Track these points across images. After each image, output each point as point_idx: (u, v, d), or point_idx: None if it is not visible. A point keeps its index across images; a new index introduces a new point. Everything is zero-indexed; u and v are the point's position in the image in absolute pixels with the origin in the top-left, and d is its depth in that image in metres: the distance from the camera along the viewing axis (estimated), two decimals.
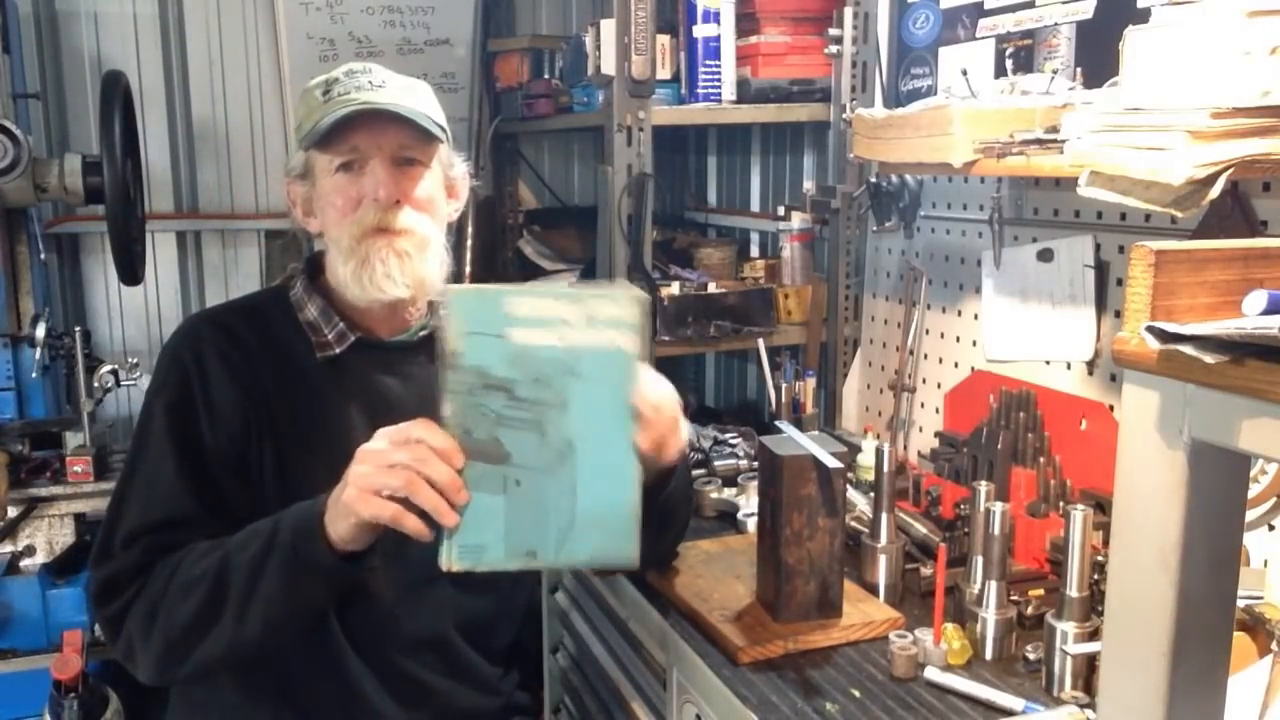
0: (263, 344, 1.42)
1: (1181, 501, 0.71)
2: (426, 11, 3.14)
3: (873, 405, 2.35)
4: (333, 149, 1.38)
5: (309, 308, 1.45)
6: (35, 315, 2.39)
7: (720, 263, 2.64)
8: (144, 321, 3.04)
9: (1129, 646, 0.76)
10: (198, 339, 1.41)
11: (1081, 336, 1.75)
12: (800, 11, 2.28)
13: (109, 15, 2.90)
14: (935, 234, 2.11)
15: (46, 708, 1.93)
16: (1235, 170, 1.12)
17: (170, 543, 1.30)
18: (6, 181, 2.23)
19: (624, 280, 1.69)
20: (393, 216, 1.37)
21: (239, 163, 3.06)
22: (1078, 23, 1.66)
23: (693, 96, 2.27)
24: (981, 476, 1.79)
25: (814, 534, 1.43)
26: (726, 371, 3.15)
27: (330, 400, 1.41)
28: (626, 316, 1.11)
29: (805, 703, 1.29)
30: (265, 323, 1.45)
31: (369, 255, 1.36)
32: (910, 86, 2.05)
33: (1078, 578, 1.28)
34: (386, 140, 1.37)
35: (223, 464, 1.35)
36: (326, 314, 1.44)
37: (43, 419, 2.45)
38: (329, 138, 1.36)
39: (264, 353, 1.41)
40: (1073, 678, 1.28)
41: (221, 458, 1.35)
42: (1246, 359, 0.64)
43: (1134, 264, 0.71)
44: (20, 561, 2.26)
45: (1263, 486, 1.44)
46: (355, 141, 1.37)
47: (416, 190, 1.40)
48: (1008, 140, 1.45)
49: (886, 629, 1.44)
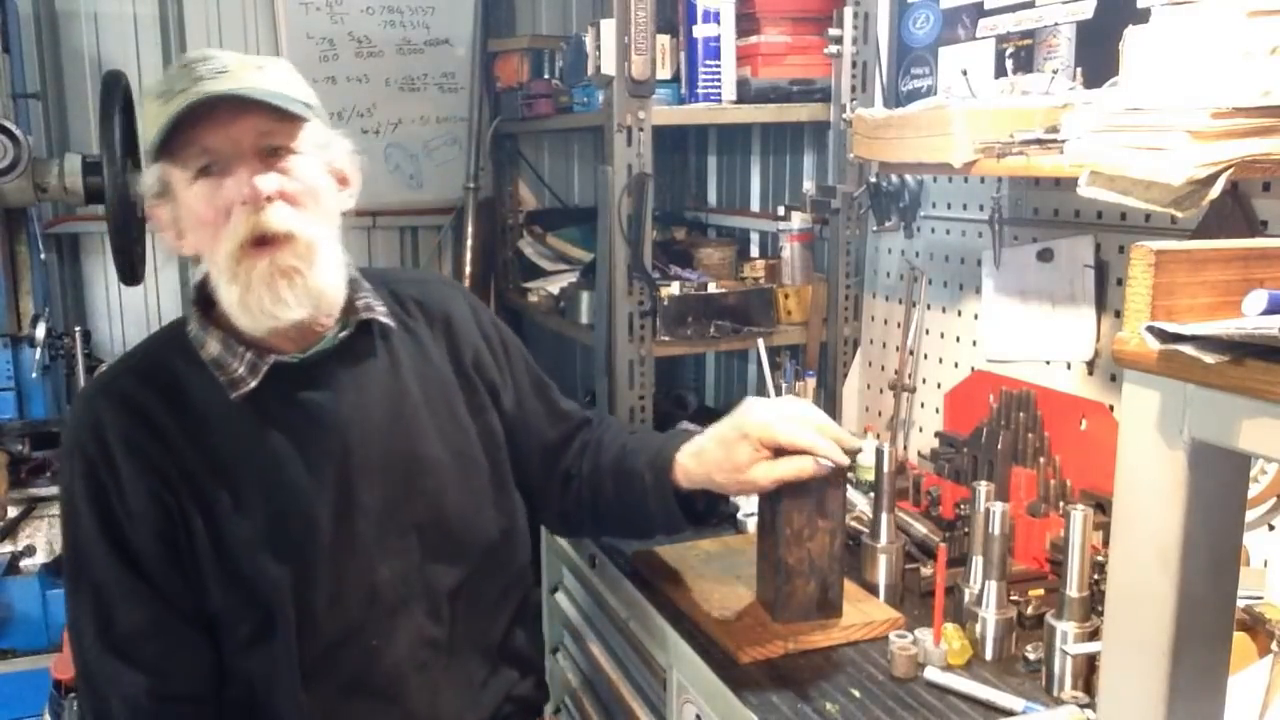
0: (168, 406, 1.25)
1: (1181, 501, 0.71)
2: (426, 11, 3.14)
3: (873, 405, 2.35)
4: (182, 156, 1.20)
5: (209, 343, 1.27)
6: (35, 315, 2.40)
7: (720, 263, 2.64)
8: (144, 321, 3.03)
9: (1129, 646, 0.76)
10: (98, 425, 1.24)
11: (1081, 336, 1.75)
12: (800, 11, 2.28)
13: (109, 15, 2.90)
14: (935, 234, 2.11)
15: (46, 708, 1.93)
16: (1235, 170, 1.12)
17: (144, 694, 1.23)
18: (6, 181, 2.23)
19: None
20: (266, 219, 1.18)
21: None
22: (1078, 23, 1.66)
23: (693, 96, 2.27)
24: (981, 476, 1.79)
25: (814, 534, 1.43)
26: (726, 371, 3.15)
27: (255, 438, 1.26)
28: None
29: (805, 703, 1.29)
30: (168, 378, 1.28)
31: (251, 280, 1.19)
32: (910, 86, 2.05)
33: (1078, 578, 1.28)
34: (239, 131, 1.18)
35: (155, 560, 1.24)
36: (229, 347, 1.27)
37: (43, 419, 2.45)
38: (173, 142, 1.18)
39: (172, 415, 1.25)
40: (1073, 678, 1.28)
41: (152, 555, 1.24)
42: (1246, 359, 0.64)
43: (1134, 264, 0.71)
44: (20, 561, 2.26)
45: (1263, 486, 1.44)
46: (204, 142, 1.18)
47: (287, 183, 1.20)
48: (1008, 140, 1.45)
49: (886, 629, 1.44)
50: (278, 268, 1.19)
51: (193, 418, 1.26)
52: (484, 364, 1.46)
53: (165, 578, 1.24)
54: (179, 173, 1.22)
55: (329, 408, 1.30)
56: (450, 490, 1.36)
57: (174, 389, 1.27)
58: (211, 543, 1.24)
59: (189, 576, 1.25)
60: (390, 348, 1.37)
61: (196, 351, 1.28)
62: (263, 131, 1.20)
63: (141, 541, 1.23)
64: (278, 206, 1.20)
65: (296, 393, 1.29)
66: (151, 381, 1.27)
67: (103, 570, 1.23)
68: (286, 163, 1.22)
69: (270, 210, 1.19)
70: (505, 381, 1.48)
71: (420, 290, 1.46)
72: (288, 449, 1.27)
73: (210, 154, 1.19)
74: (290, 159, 1.22)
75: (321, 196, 1.26)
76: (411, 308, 1.43)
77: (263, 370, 1.27)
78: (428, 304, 1.44)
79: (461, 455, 1.39)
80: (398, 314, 1.40)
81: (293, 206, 1.21)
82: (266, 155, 1.21)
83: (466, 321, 1.47)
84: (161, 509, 1.23)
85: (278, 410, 1.28)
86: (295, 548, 1.26)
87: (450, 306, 1.46)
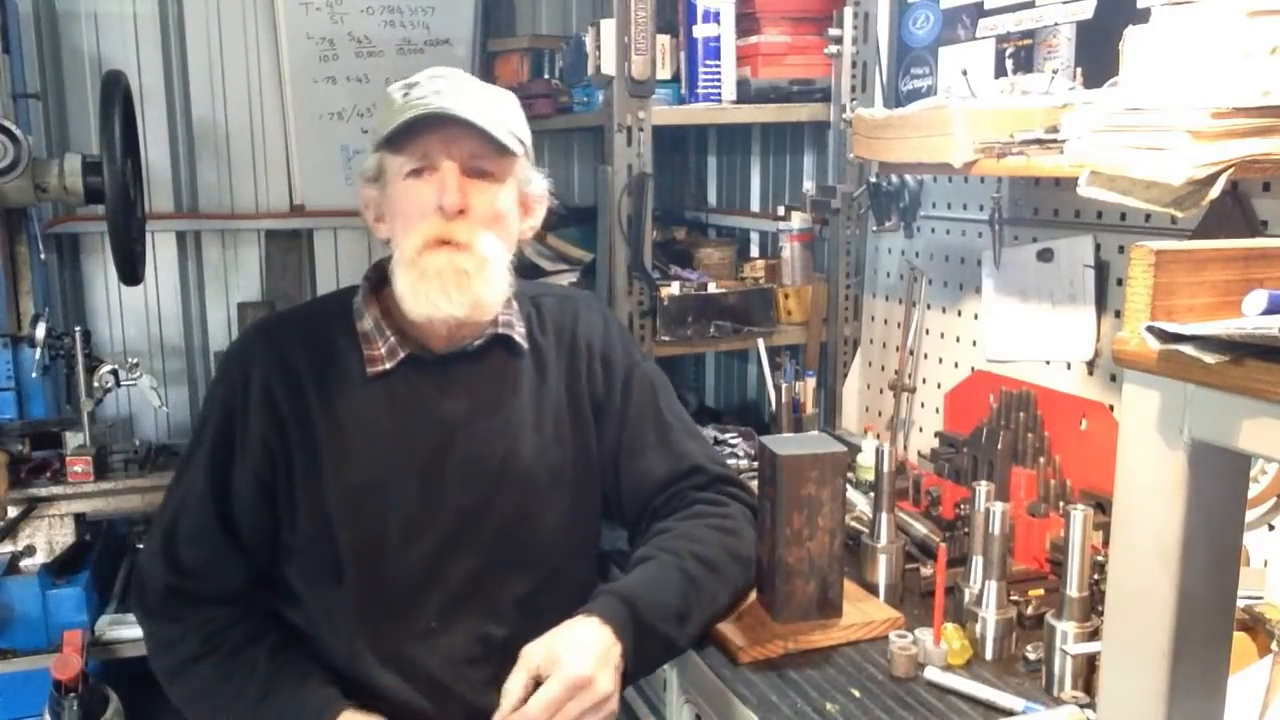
0: (312, 361, 1.41)
1: (1181, 501, 0.71)
2: (426, 11, 3.13)
3: (873, 405, 2.35)
4: (404, 152, 1.34)
5: (365, 318, 1.42)
6: (35, 315, 2.39)
7: (720, 263, 2.64)
8: (144, 321, 3.04)
9: (1129, 646, 0.76)
10: (247, 359, 1.42)
11: (1081, 336, 1.75)
12: (800, 11, 2.28)
13: (109, 15, 2.90)
14: (935, 234, 2.11)
15: (46, 708, 1.93)
16: (1235, 170, 1.12)
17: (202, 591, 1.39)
18: (6, 181, 2.23)
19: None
20: (456, 227, 1.32)
21: (239, 163, 3.06)
22: (1078, 23, 1.66)
23: (693, 96, 2.27)
24: (981, 476, 1.79)
25: (814, 534, 1.43)
26: (726, 371, 3.15)
27: (373, 414, 1.40)
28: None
29: (805, 703, 1.29)
30: (324, 335, 1.43)
31: (426, 269, 1.32)
32: (910, 86, 2.05)
33: (1078, 578, 1.28)
34: (458, 148, 1.32)
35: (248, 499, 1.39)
36: (379, 327, 1.41)
37: (43, 419, 2.44)
38: (400, 140, 1.33)
39: (312, 370, 1.40)
40: (1073, 678, 1.28)
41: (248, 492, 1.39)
42: (1246, 359, 0.64)
43: (1134, 264, 0.71)
44: (20, 561, 2.25)
45: (1263, 486, 1.44)
46: (426, 146, 1.33)
47: (483, 203, 1.34)
48: (1008, 140, 1.45)
49: (886, 629, 1.44)
50: (453, 266, 1.32)
51: (329, 379, 1.40)
52: (597, 388, 1.51)
53: (242, 510, 1.39)
54: (395, 164, 1.36)
55: (444, 406, 1.41)
56: (535, 504, 1.43)
57: (323, 349, 1.42)
58: (306, 492, 1.38)
59: (278, 512, 1.39)
60: (518, 364, 1.47)
61: (354, 321, 1.43)
62: (476, 154, 1.34)
63: (239, 472, 1.38)
64: (469, 222, 1.33)
65: (421, 385, 1.41)
66: (307, 336, 1.43)
67: (196, 478, 1.40)
68: (487, 185, 1.36)
69: (459, 221, 1.33)
70: (611, 408, 1.51)
71: (560, 308, 1.54)
72: (396, 432, 1.39)
73: (427, 158, 1.33)
74: (491, 183, 1.36)
75: (506, 222, 1.39)
76: (548, 324, 1.52)
77: (399, 357, 1.40)
78: (563, 324, 1.53)
79: (554, 473, 1.45)
80: (533, 329, 1.50)
81: (479, 223, 1.34)
82: (473, 174, 1.35)
83: (593, 345, 1.52)
84: (267, 453, 1.38)
85: (402, 396, 1.40)
86: (371, 520, 1.37)
87: (583, 329, 1.53)
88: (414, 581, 1.38)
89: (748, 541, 1.47)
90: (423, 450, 1.39)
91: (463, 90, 1.35)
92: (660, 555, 1.39)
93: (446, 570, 1.39)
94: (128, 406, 2.97)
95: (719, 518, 1.46)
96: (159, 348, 3.05)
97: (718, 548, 1.42)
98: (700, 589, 1.37)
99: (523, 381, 1.46)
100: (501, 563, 1.41)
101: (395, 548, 1.37)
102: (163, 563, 1.39)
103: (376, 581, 1.37)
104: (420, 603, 1.38)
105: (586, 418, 1.50)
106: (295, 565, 1.41)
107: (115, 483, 2.28)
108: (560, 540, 1.45)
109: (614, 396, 1.52)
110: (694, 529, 1.43)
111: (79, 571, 2.24)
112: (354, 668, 1.37)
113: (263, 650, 1.35)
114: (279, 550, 1.41)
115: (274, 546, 1.41)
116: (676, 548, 1.40)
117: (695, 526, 1.44)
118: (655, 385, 1.56)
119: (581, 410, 1.49)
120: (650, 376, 1.56)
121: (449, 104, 1.31)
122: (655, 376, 1.57)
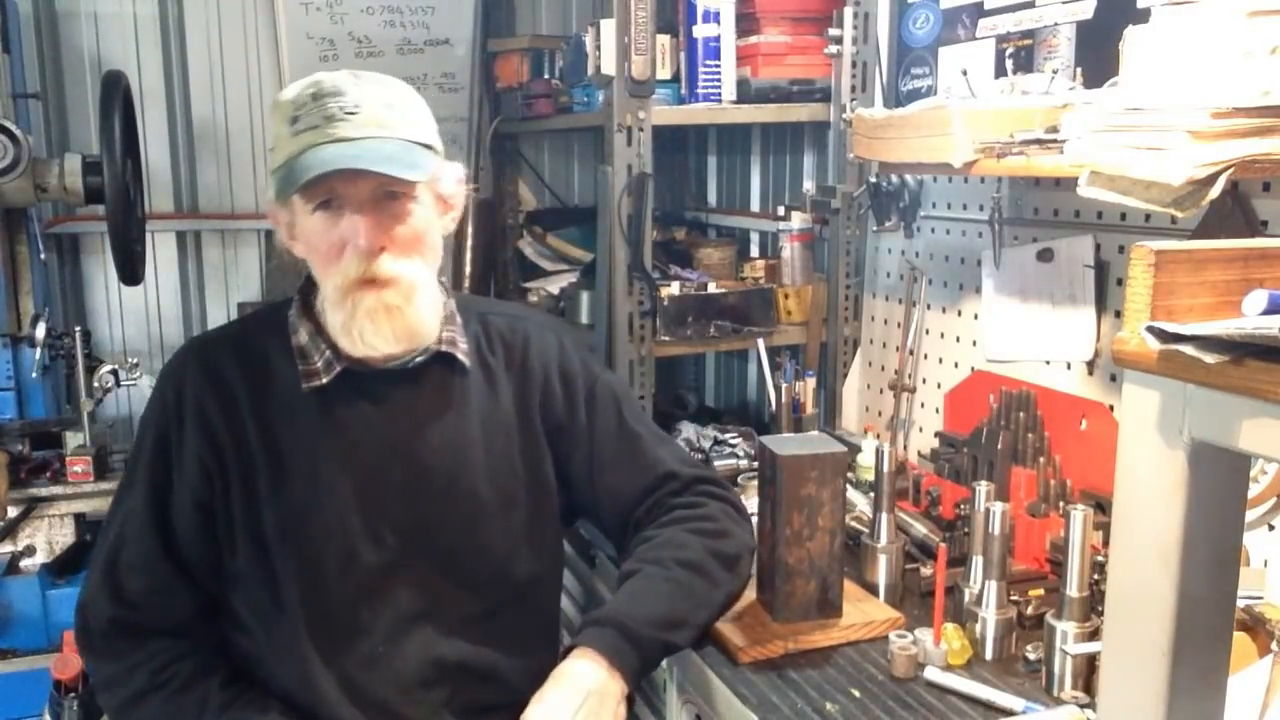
0: (246, 377, 1.36)
1: (1181, 501, 0.71)
2: (426, 11, 3.13)
3: (873, 405, 2.35)
4: (306, 192, 1.27)
5: (301, 331, 1.38)
6: (35, 315, 2.39)
7: (720, 263, 2.64)
8: (144, 321, 3.03)
9: (1129, 646, 0.76)
10: (181, 380, 1.37)
11: (1081, 336, 1.75)
12: (800, 11, 2.28)
13: (109, 15, 2.90)
14: (935, 234, 2.11)
15: (46, 708, 1.93)
16: (1235, 170, 1.12)
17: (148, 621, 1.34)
18: (6, 181, 2.23)
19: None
20: (377, 267, 1.27)
21: (239, 163, 3.06)
22: (1078, 23, 1.66)
23: (693, 96, 2.27)
24: (981, 476, 1.79)
25: (814, 534, 1.43)
26: (726, 371, 3.15)
27: (312, 430, 1.35)
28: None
29: (805, 703, 1.29)
30: (258, 351, 1.39)
31: (355, 311, 1.28)
32: (910, 86, 2.05)
33: (1078, 578, 1.28)
34: (365, 181, 1.25)
35: (189, 523, 1.35)
36: (315, 341, 1.37)
37: (43, 419, 2.45)
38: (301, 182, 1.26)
39: (247, 387, 1.36)
40: (1073, 678, 1.28)
41: (188, 516, 1.35)
42: (1246, 359, 0.64)
43: (1134, 264, 0.71)
44: (20, 561, 2.26)
45: (1263, 486, 1.44)
46: (329, 184, 1.26)
47: (401, 231, 1.29)
48: (1008, 140, 1.45)
49: (886, 629, 1.44)
50: (382, 304, 1.28)
51: (264, 397, 1.36)
52: (553, 410, 1.47)
53: (184, 531, 1.34)
54: (300, 199, 1.29)
55: (384, 422, 1.37)
56: (484, 526, 1.39)
57: (257, 365, 1.38)
58: (244, 514, 1.34)
59: (218, 536, 1.35)
60: (463, 382, 1.41)
61: (289, 335, 1.39)
62: (384, 182, 1.27)
63: (178, 496, 1.34)
64: (388, 256, 1.28)
65: (360, 400, 1.37)
66: (240, 353, 1.39)
67: (135, 504, 1.36)
68: (403, 207, 1.30)
69: (381, 259, 1.28)
70: (576, 427, 1.47)
71: (509, 327, 1.49)
72: (336, 449, 1.35)
73: (333, 193, 1.27)
74: (405, 201, 1.30)
75: (427, 237, 1.33)
76: (495, 343, 1.47)
77: (335, 371, 1.35)
78: (512, 343, 1.48)
79: (504, 495, 1.41)
80: (480, 348, 1.45)
81: (401, 252, 1.29)
82: (384, 196, 1.28)
83: (548, 366, 1.48)
84: (204, 474, 1.34)
85: (340, 411, 1.36)
86: (309, 541, 1.33)
87: (536, 352, 1.48)
88: (357, 604, 1.34)
89: (735, 538, 1.44)
90: (362, 469, 1.35)
91: (357, 108, 1.26)
92: (644, 568, 1.37)
93: (392, 592, 1.35)
94: (128, 406, 2.97)
95: (700, 520, 1.43)
96: (159, 348, 3.05)
97: (700, 550, 1.39)
98: (689, 593, 1.35)
99: (470, 400, 1.41)
100: (452, 584, 1.37)
101: (335, 570, 1.33)
102: (106, 594, 1.34)
103: (320, 605, 1.33)
104: (366, 626, 1.34)
105: (540, 441, 1.45)
106: (239, 591, 1.36)
107: (115, 483, 2.28)
108: (514, 562, 1.41)
109: (578, 414, 1.48)
110: (675, 534, 1.41)
111: (79, 571, 2.24)
112: (306, 695, 1.32)
113: (214, 684, 1.32)
114: (224, 576, 1.37)
115: (219, 572, 1.36)
116: (659, 556, 1.38)
117: (676, 532, 1.41)
118: (618, 395, 1.52)
119: (534, 433, 1.45)
120: (612, 387, 1.53)
121: (343, 132, 1.24)
122: (617, 386, 1.54)
